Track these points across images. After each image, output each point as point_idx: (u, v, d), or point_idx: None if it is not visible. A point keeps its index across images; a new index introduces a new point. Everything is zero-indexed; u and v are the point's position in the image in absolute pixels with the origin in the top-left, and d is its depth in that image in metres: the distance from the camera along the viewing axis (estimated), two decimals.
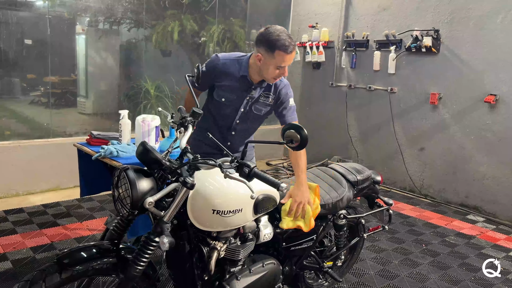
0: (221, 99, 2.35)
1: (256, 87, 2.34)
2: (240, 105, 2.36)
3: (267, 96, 2.38)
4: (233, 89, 2.32)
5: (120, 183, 1.60)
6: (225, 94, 2.34)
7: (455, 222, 4.25)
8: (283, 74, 2.24)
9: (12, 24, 4.36)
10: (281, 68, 2.19)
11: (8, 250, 3.05)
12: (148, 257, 1.58)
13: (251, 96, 2.35)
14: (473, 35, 4.46)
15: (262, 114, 2.43)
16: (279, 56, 2.13)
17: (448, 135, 4.74)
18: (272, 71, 2.19)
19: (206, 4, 5.61)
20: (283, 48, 2.11)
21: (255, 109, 2.39)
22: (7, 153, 4.14)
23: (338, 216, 2.37)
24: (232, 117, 2.40)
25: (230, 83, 2.32)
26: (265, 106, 2.40)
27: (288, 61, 2.17)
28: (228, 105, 2.35)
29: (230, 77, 2.31)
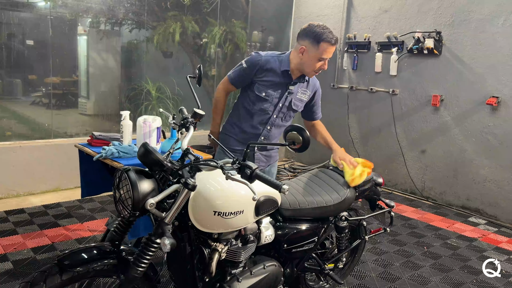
0: (261, 93, 2.43)
1: (295, 83, 2.46)
2: (279, 100, 2.46)
3: (304, 93, 2.52)
4: (274, 84, 2.43)
5: (121, 184, 1.60)
6: (266, 89, 2.43)
7: (456, 224, 4.24)
8: (323, 67, 2.36)
9: (14, 25, 4.37)
10: (323, 60, 2.32)
11: (9, 251, 3.05)
12: (149, 258, 1.58)
13: (290, 91, 2.46)
14: (474, 37, 4.46)
15: (298, 109, 2.56)
16: (323, 47, 2.27)
17: (449, 138, 4.73)
18: (314, 63, 2.32)
19: (207, 5, 5.61)
20: (328, 39, 2.27)
21: (294, 105, 2.51)
22: (8, 154, 4.14)
23: (340, 218, 2.37)
24: (270, 111, 2.50)
25: (272, 78, 2.42)
26: (302, 102, 2.55)
27: (330, 53, 2.32)
28: (267, 99, 2.44)
29: (272, 72, 2.41)
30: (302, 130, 1.69)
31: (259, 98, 2.45)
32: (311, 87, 2.57)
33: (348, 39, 5.56)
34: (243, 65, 2.44)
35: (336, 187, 2.39)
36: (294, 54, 2.40)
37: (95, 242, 3.18)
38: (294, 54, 2.40)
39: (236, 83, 2.51)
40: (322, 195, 2.30)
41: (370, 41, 5.34)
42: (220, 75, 5.94)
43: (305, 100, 2.56)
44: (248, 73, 2.43)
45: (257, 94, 2.44)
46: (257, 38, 6.25)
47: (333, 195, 2.33)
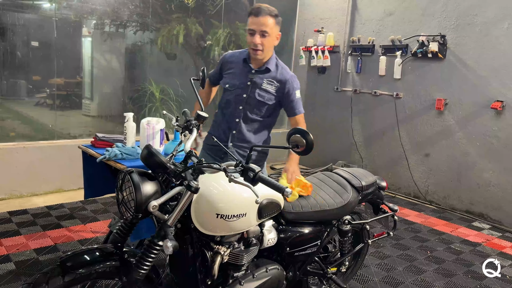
0: (225, 85, 2.49)
1: (257, 72, 2.44)
2: (242, 90, 2.45)
3: (270, 84, 2.46)
4: (236, 74, 2.46)
5: (125, 186, 1.60)
6: (229, 80, 2.48)
7: (460, 229, 4.22)
8: (253, 42, 2.31)
9: (19, 26, 4.39)
10: (251, 32, 2.31)
11: (12, 252, 3.05)
12: (151, 260, 1.57)
13: (253, 81, 2.43)
14: (478, 41, 4.44)
15: (265, 101, 2.47)
16: (249, 20, 2.32)
17: (453, 141, 4.71)
18: (248, 39, 2.34)
19: (211, 8, 5.63)
20: (252, 11, 2.31)
21: (258, 95, 2.45)
22: (11, 154, 4.15)
23: (343, 221, 2.35)
24: (236, 103, 2.48)
25: (234, 70, 2.48)
26: (268, 93, 2.46)
27: (254, 25, 2.30)
28: (232, 91, 2.46)
29: (235, 63, 2.49)
30: (306, 133, 1.68)
31: (225, 90, 2.51)
32: (279, 79, 2.47)
33: (352, 42, 5.55)
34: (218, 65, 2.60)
35: (339, 191, 2.38)
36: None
37: (97, 244, 3.19)
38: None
39: (210, 78, 2.67)
40: (325, 199, 2.29)
41: (374, 45, 5.34)
42: None
43: (272, 92, 2.46)
44: (217, 68, 2.59)
45: (223, 87, 2.53)
46: None
47: (336, 198, 2.31)
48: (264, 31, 2.31)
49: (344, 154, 5.79)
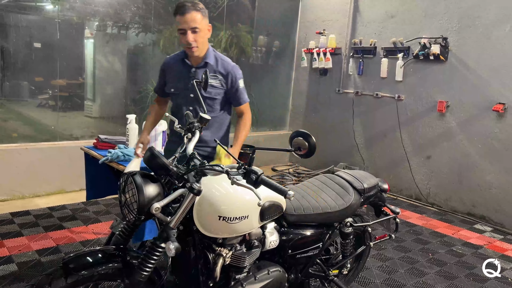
0: (170, 90, 2.44)
1: (198, 68, 2.39)
2: (188, 91, 2.39)
3: (214, 78, 2.41)
4: (178, 77, 2.41)
5: (127, 188, 1.60)
6: (173, 84, 2.43)
7: (462, 231, 4.21)
8: (186, 41, 2.26)
9: (22, 27, 4.40)
10: (182, 31, 2.26)
11: (14, 253, 3.05)
12: (154, 262, 1.58)
13: (195, 78, 2.36)
14: (480, 43, 4.44)
15: (213, 96, 2.42)
16: (176, 20, 2.26)
17: (455, 144, 4.71)
18: (180, 39, 2.29)
19: (214, 10, 5.64)
20: (177, 10, 2.25)
21: (205, 92, 2.35)
22: (13, 155, 4.16)
23: (345, 224, 2.35)
24: (186, 105, 2.42)
25: (176, 73, 2.43)
26: (214, 87, 2.41)
27: (184, 24, 2.24)
28: (177, 94, 2.42)
29: (174, 67, 2.44)
30: (308, 136, 1.68)
31: (171, 95, 2.47)
32: (221, 71, 2.43)
33: (354, 44, 5.56)
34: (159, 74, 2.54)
35: (341, 193, 2.38)
36: None
37: (99, 245, 3.20)
38: None
39: (158, 91, 2.60)
40: (327, 201, 2.29)
41: (376, 47, 5.34)
42: None
43: (217, 86, 2.42)
44: (161, 77, 2.53)
45: (168, 92, 2.48)
46: (263, 42, 6.27)
47: (338, 200, 2.31)
48: (195, 27, 2.25)
49: (345, 156, 5.79)
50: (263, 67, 6.40)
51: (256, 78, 6.37)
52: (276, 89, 6.56)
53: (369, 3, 5.44)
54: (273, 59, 6.44)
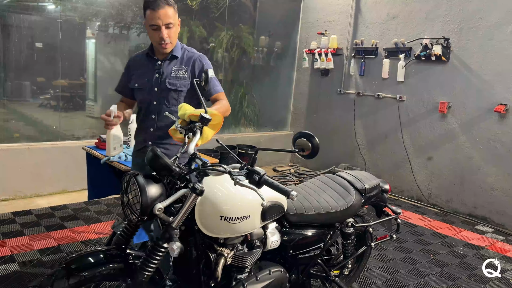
0: (134, 85, 2.34)
1: (163, 62, 2.29)
2: (152, 84, 2.29)
3: (179, 69, 2.31)
4: (143, 72, 2.32)
5: (130, 189, 1.60)
6: (136, 79, 2.35)
7: (463, 232, 4.21)
8: (162, 37, 2.15)
9: (23, 28, 4.41)
10: (155, 28, 2.14)
11: (16, 252, 3.06)
12: (156, 263, 1.58)
13: (161, 72, 2.28)
14: (482, 45, 4.44)
15: (178, 88, 2.31)
16: (148, 15, 2.14)
17: (456, 145, 4.71)
18: (152, 35, 2.19)
19: (215, 10, 5.64)
20: (149, 5, 2.12)
21: (170, 84, 2.29)
22: (15, 156, 4.17)
23: (346, 224, 2.35)
24: (149, 99, 2.33)
25: (141, 69, 2.34)
26: (179, 79, 2.30)
27: (158, 20, 2.12)
28: (142, 89, 2.32)
29: (139, 63, 2.36)
30: (311, 136, 1.68)
31: (135, 91, 2.36)
32: (186, 62, 2.33)
33: (356, 45, 5.56)
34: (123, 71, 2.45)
35: (342, 193, 2.38)
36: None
37: (101, 245, 3.20)
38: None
39: (121, 90, 2.46)
40: (329, 201, 2.29)
41: (378, 47, 5.34)
42: (227, 79, 5.96)
43: (183, 77, 2.31)
44: (124, 74, 2.43)
45: (132, 88, 2.37)
46: (264, 43, 6.28)
47: (340, 201, 2.32)
48: (169, 23, 2.15)
49: (347, 157, 5.79)
50: (265, 68, 6.40)
51: (258, 79, 6.38)
52: (278, 89, 6.56)
53: (371, 4, 5.44)
54: (274, 60, 6.45)
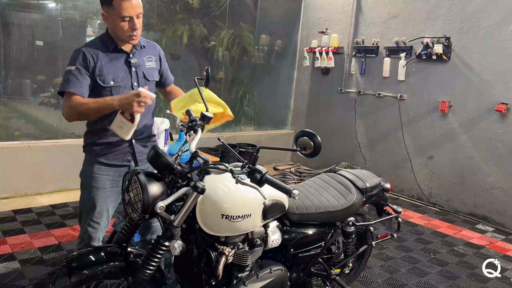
0: (110, 82, 2.05)
1: (133, 53, 2.14)
2: (131, 79, 2.12)
3: (150, 60, 2.22)
4: (114, 66, 2.08)
5: (131, 187, 1.60)
6: (111, 75, 2.06)
7: (463, 231, 4.21)
8: (135, 27, 2.00)
9: (24, 26, 4.41)
10: (127, 18, 1.97)
11: (16, 250, 3.06)
12: (157, 261, 1.58)
13: (136, 64, 2.14)
14: (483, 44, 4.44)
15: (156, 79, 2.26)
16: (119, 6, 1.94)
17: (457, 144, 4.70)
18: (122, 27, 1.99)
19: (216, 9, 5.64)
20: None
21: (149, 76, 2.19)
22: (16, 154, 4.17)
23: (347, 223, 2.35)
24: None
25: (110, 63, 2.06)
26: (153, 69, 2.23)
27: (131, 10, 1.96)
28: (120, 85, 2.07)
29: (103, 56, 2.05)
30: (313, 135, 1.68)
31: (110, 89, 2.05)
32: (152, 51, 2.25)
33: (356, 43, 5.55)
34: (72, 70, 1.99)
35: (343, 192, 2.38)
36: (108, 27, 2.09)
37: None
38: (108, 27, 2.09)
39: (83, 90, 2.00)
40: (330, 200, 2.29)
41: (379, 46, 5.34)
42: (228, 78, 5.96)
43: (156, 67, 2.24)
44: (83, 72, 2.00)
45: (106, 86, 2.04)
46: (265, 41, 6.27)
47: (341, 200, 2.32)
48: (140, 13, 2.02)
49: (347, 156, 5.79)
50: (265, 67, 6.40)
51: (258, 78, 6.37)
52: (278, 88, 6.56)
53: (372, 3, 5.44)
54: (275, 59, 6.44)
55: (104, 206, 2.11)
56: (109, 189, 2.12)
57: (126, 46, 2.12)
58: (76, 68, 1.99)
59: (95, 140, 2.11)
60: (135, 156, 2.18)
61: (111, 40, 2.09)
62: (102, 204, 2.10)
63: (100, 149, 2.11)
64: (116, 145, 2.11)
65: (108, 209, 2.13)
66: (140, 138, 2.20)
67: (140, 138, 2.20)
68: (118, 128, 1.96)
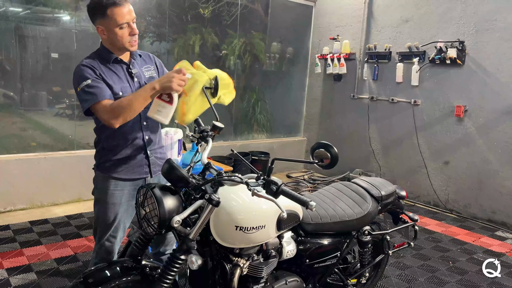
0: (118, 93, 2.01)
1: (132, 64, 2.12)
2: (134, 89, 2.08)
3: (149, 69, 2.20)
4: (117, 78, 2.05)
5: (147, 202, 1.60)
6: (118, 85, 2.03)
7: (483, 238, 4.12)
8: (134, 32, 1.99)
9: (39, 38, 4.49)
10: (125, 25, 1.95)
11: (33, 261, 3.09)
12: (174, 274, 1.57)
13: (137, 74, 2.12)
14: (498, 46, 4.37)
15: None
16: (113, 14, 1.91)
17: (473, 149, 4.62)
18: (122, 35, 1.96)
19: (227, 18, 5.67)
20: (111, 3, 1.91)
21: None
22: (32, 165, 4.22)
23: (363, 232, 2.32)
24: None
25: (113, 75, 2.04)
26: (153, 79, 2.17)
27: (127, 15, 1.94)
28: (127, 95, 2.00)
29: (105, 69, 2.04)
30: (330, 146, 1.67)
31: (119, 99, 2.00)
32: (149, 60, 2.22)
33: (368, 49, 5.52)
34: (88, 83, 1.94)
35: (358, 201, 2.35)
36: (104, 40, 2.05)
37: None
38: (104, 41, 2.06)
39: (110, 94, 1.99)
40: (344, 209, 2.26)
41: (391, 51, 5.29)
42: (240, 86, 5.97)
43: (155, 76, 2.20)
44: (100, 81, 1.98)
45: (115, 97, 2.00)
46: (276, 49, 6.28)
47: (356, 209, 2.29)
48: (134, 17, 2.00)
49: (361, 162, 5.73)
50: (277, 74, 6.40)
51: (270, 85, 6.37)
52: (290, 95, 6.55)
53: (383, 8, 5.41)
54: (286, 66, 6.44)
55: (121, 221, 2.10)
56: (125, 203, 2.09)
57: (125, 57, 2.10)
58: (92, 80, 1.95)
59: (110, 158, 2.07)
60: (150, 168, 2.15)
61: (108, 52, 2.06)
62: (119, 219, 2.08)
63: (116, 165, 2.07)
64: (133, 158, 2.08)
65: (124, 222, 2.13)
66: (153, 149, 2.18)
67: (153, 149, 2.18)
68: (156, 113, 1.91)
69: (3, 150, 4.22)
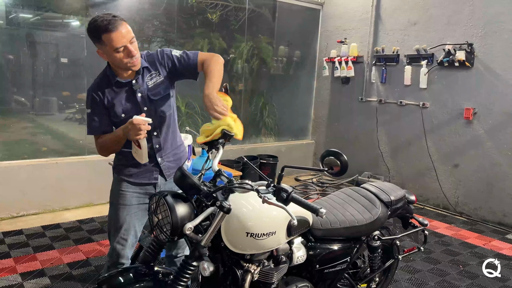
0: (121, 116, 2.07)
1: (136, 79, 2.10)
2: (138, 106, 2.10)
3: (154, 76, 2.15)
4: (122, 98, 2.09)
5: (159, 210, 1.63)
6: (119, 108, 2.08)
7: (493, 242, 4.09)
8: (131, 54, 1.97)
9: (50, 44, 4.56)
10: (121, 48, 1.94)
11: (46, 266, 3.14)
12: (186, 281, 1.59)
13: (139, 90, 2.10)
14: (507, 49, 4.34)
15: (164, 94, 2.16)
16: (109, 39, 1.91)
17: (483, 151, 4.60)
18: (120, 58, 1.96)
19: (235, 22, 5.70)
20: (104, 29, 1.89)
21: (154, 95, 2.13)
22: (44, 170, 4.28)
23: (372, 237, 2.33)
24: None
25: (115, 98, 2.09)
26: (159, 85, 2.14)
27: (122, 39, 1.93)
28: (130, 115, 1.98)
29: (109, 92, 2.08)
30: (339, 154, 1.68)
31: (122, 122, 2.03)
32: (153, 65, 2.16)
33: (376, 52, 5.52)
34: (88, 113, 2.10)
35: (368, 206, 2.35)
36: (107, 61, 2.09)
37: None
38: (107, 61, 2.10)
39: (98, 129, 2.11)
40: (354, 215, 2.27)
41: (399, 54, 5.29)
42: (247, 90, 6.00)
43: (160, 80, 2.15)
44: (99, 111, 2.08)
45: (117, 121, 2.08)
46: (284, 52, 6.30)
47: (365, 214, 2.29)
48: (132, 37, 1.98)
49: (370, 166, 5.73)
50: (284, 77, 6.41)
51: (278, 88, 6.39)
52: (298, 98, 6.56)
53: (391, 11, 5.40)
54: (294, 69, 6.45)
55: (131, 223, 2.15)
56: (136, 206, 2.16)
57: (130, 75, 2.10)
58: (91, 111, 2.10)
59: (124, 162, 2.19)
60: (162, 173, 2.22)
61: (112, 73, 2.08)
62: (129, 221, 2.14)
63: (128, 169, 2.19)
64: (142, 165, 2.16)
65: (135, 226, 2.17)
66: (165, 154, 2.22)
67: (165, 154, 2.22)
68: (134, 154, 2.06)
69: (15, 156, 4.28)
